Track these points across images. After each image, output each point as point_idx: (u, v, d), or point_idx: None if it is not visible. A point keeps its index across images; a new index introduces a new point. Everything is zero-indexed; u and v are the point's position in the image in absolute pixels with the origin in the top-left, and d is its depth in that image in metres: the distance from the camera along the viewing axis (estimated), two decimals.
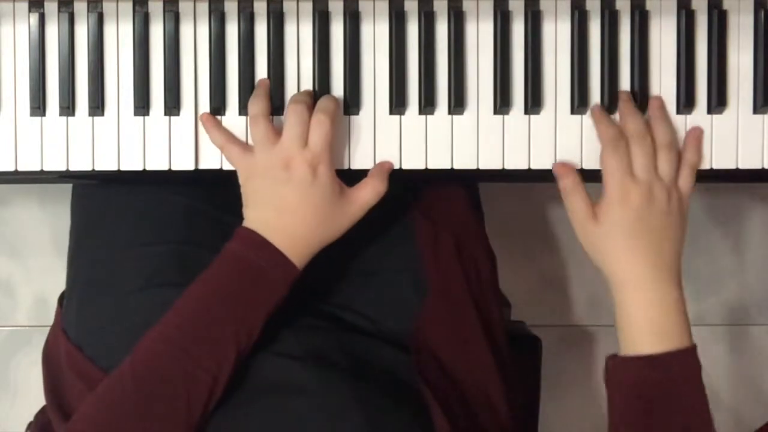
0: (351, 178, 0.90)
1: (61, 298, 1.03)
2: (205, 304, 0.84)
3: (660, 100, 0.93)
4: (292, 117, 0.87)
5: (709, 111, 0.94)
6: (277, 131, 0.88)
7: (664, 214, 0.87)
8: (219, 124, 0.91)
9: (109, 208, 1.00)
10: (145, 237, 0.97)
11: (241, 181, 0.89)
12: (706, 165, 0.94)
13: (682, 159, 0.90)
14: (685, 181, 0.89)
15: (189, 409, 0.81)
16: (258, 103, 0.89)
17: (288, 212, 0.86)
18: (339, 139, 0.92)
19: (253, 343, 0.84)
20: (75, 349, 0.96)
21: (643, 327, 0.85)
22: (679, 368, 0.84)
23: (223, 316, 0.83)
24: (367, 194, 0.89)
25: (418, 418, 0.85)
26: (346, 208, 0.88)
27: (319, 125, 0.86)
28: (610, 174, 0.87)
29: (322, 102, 0.89)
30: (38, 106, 0.91)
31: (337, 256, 1.00)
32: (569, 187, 0.90)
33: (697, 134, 0.92)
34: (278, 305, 0.86)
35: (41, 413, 1.03)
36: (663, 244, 0.86)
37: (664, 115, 0.92)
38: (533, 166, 0.93)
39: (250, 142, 0.91)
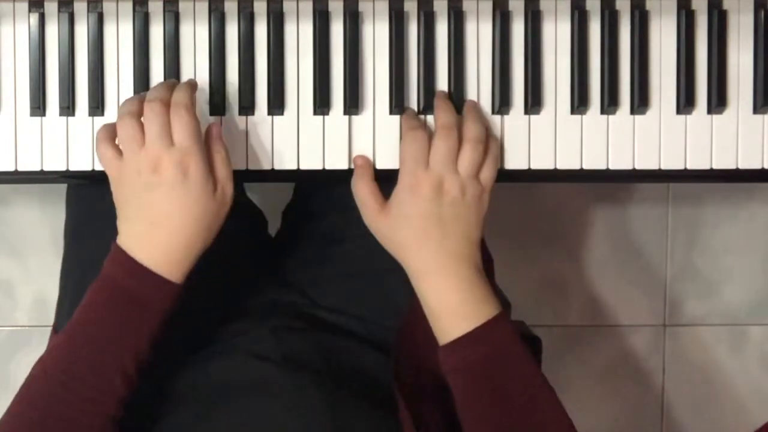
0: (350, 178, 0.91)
1: None
2: (83, 332, 0.82)
3: (474, 102, 0.92)
4: (148, 115, 0.81)
5: (709, 111, 0.94)
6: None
7: (455, 207, 0.86)
8: (108, 124, 0.86)
9: (102, 209, 0.99)
10: None
11: (112, 188, 0.84)
12: (706, 165, 0.94)
13: (487, 153, 0.88)
14: (486, 175, 0.88)
15: None
16: (128, 104, 0.84)
17: (161, 223, 0.81)
18: (339, 139, 0.92)
19: (143, 363, 0.82)
20: None
21: (446, 313, 0.85)
22: (490, 339, 0.84)
23: (102, 342, 0.81)
24: (221, 169, 0.84)
25: (390, 421, 0.85)
26: (220, 198, 0.84)
27: (180, 119, 0.81)
28: (403, 161, 0.87)
29: (176, 94, 0.84)
30: (38, 106, 0.91)
31: (326, 255, 1.00)
32: (357, 175, 0.90)
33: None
34: (164, 322, 0.82)
35: None
36: (452, 234, 0.86)
37: (476, 112, 0.91)
38: (533, 166, 0.93)
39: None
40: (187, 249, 0.82)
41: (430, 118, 0.92)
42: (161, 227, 0.81)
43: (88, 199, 1.01)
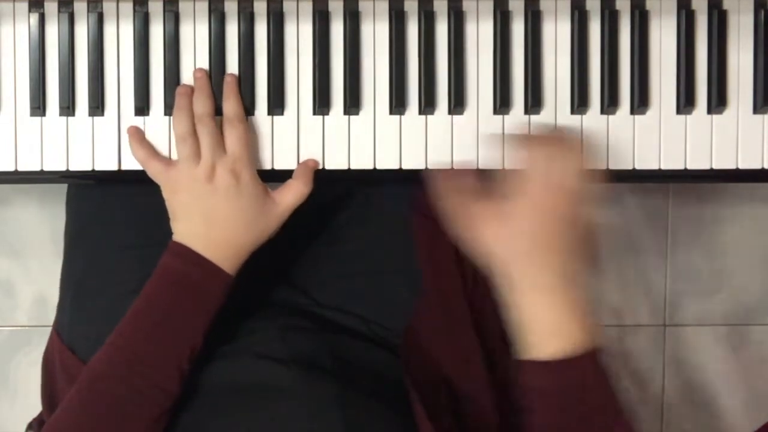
0: (351, 178, 0.91)
1: None
2: (143, 322, 0.85)
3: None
4: (202, 131, 0.88)
5: (709, 111, 0.94)
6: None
7: (566, 225, 0.85)
8: (143, 138, 0.91)
9: (103, 210, 1.00)
10: (137, 239, 0.98)
11: (165, 195, 0.89)
12: (706, 165, 0.94)
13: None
14: (590, 192, 0.87)
15: (141, 428, 0.81)
16: (184, 121, 0.89)
17: (216, 222, 0.87)
18: (339, 139, 0.92)
19: (198, 351, 0.85)
20: (67, 351, 0.96)
21: (542, 331, 0.84)
22: (584, 367, 0.84)
23: (161, 331, 0.84)
24: (290, 197, 0.89)
25: (401, 419, 0.85)
26: (271, 210, 0.89)
27: (233, 129, 0.88)
28: (528, 176, 0.85)
29: (227, 107, 0.90)
30: (38, 106, 0.91)
31: (327, 255, 1.00)
32: (441, 190, 0.88)
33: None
34: (217, 313, 0.86)
35: (40, 420, 1.03)
36: (565, 252, 0.85)
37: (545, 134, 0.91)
38: None
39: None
40: (239, 245, 0.88)
41: (430, 118, 0.92)
42: (216, 226, 0.87)
43: (89, 201, 1.01)
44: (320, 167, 0.92)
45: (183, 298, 0.85)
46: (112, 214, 0.99)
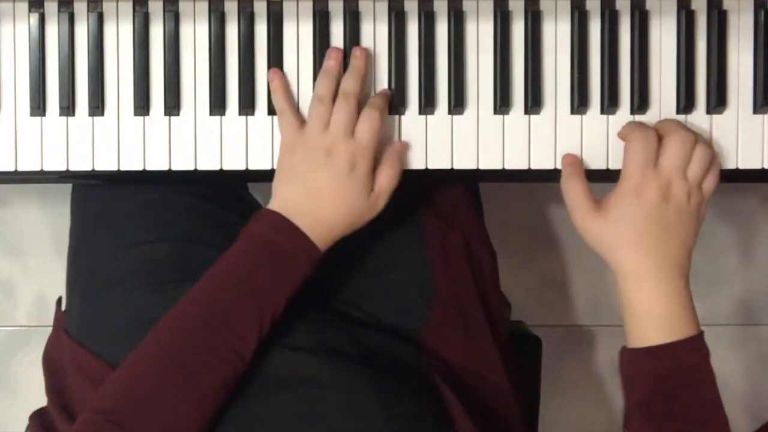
0: None
1: (59, 302, 1.02)
2: (230, 284, 0.84)
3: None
4: (342, 106, 0.87)
5: (709, 111, 0.94)
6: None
7: (679, 213, 0.86)
8: (287, 87, 0.91)
9: (110, 206, 1.00)
10: (146, 235, 0.97)
11: (281, 153, 0.89)
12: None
13: (712, 161, 0.88)
14: (710, 183, 0.88)
15: (213, 389, 0.81)
16: (329, 84, 0.89)
17: (318, 197, 0.86)
18: None
19: (275, 322, 0.84)
20: (78, 347, 0.96)
21: (648, 320, 0.85)
22: (686, 357, 0.84)
23: (247, 295, 0.84)
24: (385, 183, 0.89)
25: (433, 406, 0.86)
26: (372, 203, 0.88)
27: (369, 120, 0.87)
28: (631, 161, 0.86)
29: (374, 98, 0.90)
30: (38, 106, 0.91)
31: (347, 254, 1.00)
32: (567, 174, 0.90)
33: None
34: (301, 287, 0.86)
35: (40, 415, 1.03)
36: (672, 241, 0.85)
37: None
38: (533, 166, 0.93)
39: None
40: (333, 226, 0.87)
41: (430, 118, 0.92)
42: (315, 200, 0.86)
43: (95, 200, 1.01)
44: (407, 150, 0.92)
45: (273, 265, 0.84)
46: (119, 212, 0.99)
